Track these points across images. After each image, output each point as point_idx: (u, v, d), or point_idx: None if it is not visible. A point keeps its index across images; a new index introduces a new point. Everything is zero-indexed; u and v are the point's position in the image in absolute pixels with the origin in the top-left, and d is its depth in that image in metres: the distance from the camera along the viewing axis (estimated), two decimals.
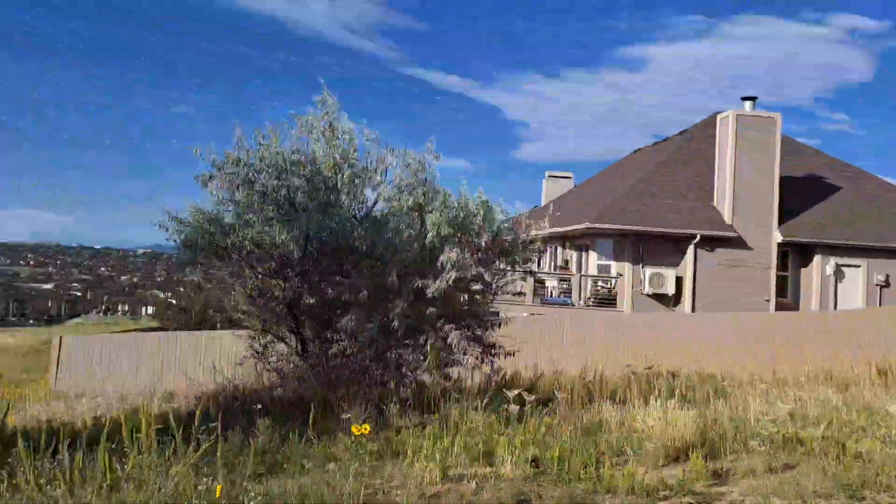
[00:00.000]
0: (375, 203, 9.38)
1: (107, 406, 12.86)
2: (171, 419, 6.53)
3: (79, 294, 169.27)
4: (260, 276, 9.65)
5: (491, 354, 10.13)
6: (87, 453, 5.60)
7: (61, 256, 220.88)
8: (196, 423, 6.51)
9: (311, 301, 9.17)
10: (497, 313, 18.05)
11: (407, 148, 9.31)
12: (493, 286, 10.50)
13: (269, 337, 10.36)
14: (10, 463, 5.31)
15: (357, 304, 8.91)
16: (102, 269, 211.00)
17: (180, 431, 6.31)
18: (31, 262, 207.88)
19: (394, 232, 8.60)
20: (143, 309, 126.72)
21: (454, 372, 9.98)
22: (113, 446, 5.88)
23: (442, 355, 9.60)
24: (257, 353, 10.77)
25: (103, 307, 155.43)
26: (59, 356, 20.40)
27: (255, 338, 10.47)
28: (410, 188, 8.85)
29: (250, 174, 8.62)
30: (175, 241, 9.94)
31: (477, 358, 10.07)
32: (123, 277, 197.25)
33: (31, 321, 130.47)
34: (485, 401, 7.74)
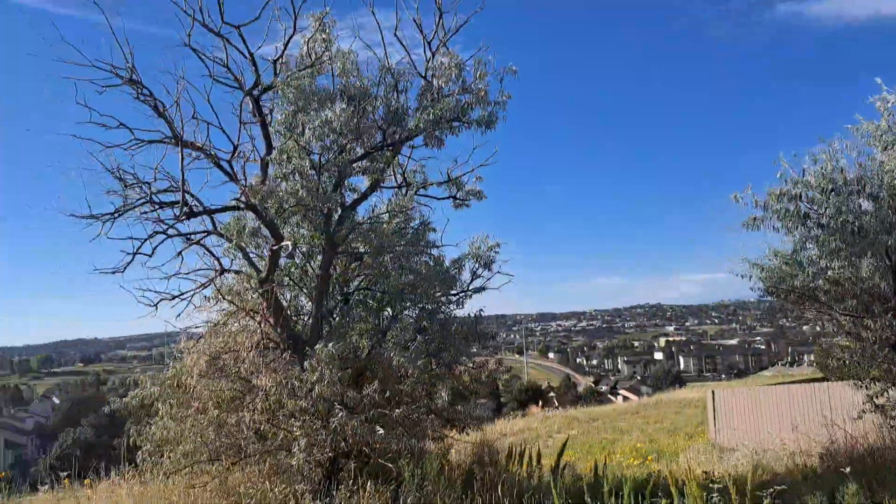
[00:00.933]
0: None
1: (735, 461, 12.88)
2: (727, 480, 6.25)
3: (762, 347, 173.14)
4: (845, 317, 8.35)
5: None
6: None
7: (742, 312, 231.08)
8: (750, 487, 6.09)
9: None
10: None
11: None
12: None
13: (881, 385, 8.72)
14: None
15: None
16: (783, 320, 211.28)
17: (737, 494, 6.02)
18: (716, 321, 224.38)
19: None
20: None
21: None
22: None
23: None
24: (876, 405, 9.19)
25: (788, 358, 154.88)
26: (713, 409, 21.34)
27: (862, 387, 8.98)
28: None
29: (799, 206, 7.72)
30: (758, 289, 9.60)
31: None
32: (805, 327, 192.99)
33: (722, 375, 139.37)
34: None
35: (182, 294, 8.79)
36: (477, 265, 10.20)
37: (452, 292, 9.91)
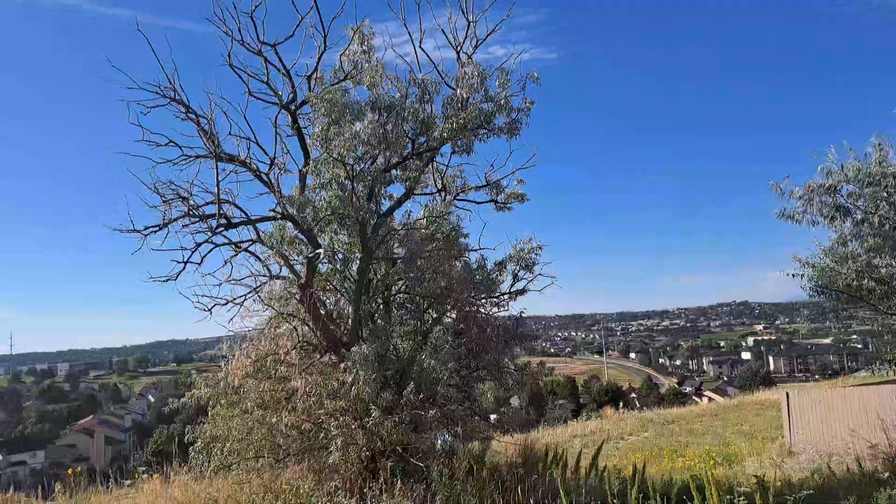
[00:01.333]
0: None
1: (798, 465, 12.46)
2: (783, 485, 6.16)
3: (859, 346, 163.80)
4: (894, 316, 8.00)
5: None
6: None
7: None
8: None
9: None
10: None
11: None
12: None
13: None
14: None
15: None
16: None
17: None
18: (808, 319, 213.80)
19: None
20: None
21: None
22: None
23: None
24: None
25: (889, 356, 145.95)
26: (788, 412, 20.51)
27: None
28: None
29: (837, 199, 7.46)
30: (808, 288, 9.32)
31: None
32: None
33: (816, 376, 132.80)
34: None
35: (234, 299, 9.29)
36: (518, 267, 10.28)
37: (493, 294, 10.03)
